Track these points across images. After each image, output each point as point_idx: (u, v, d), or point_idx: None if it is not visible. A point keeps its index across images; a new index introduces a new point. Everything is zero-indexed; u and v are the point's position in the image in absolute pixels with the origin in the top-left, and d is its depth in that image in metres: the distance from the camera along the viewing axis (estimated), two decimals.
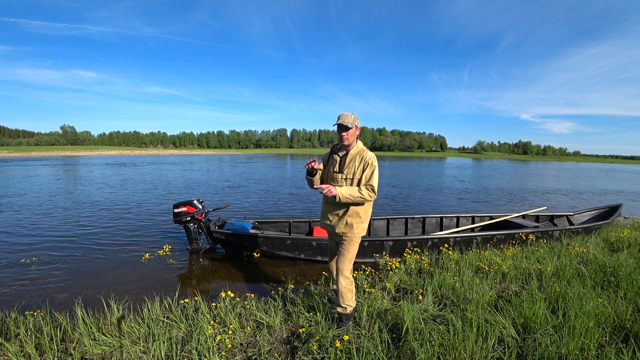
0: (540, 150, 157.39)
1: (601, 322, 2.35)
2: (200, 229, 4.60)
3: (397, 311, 2.55)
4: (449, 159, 77.29)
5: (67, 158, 41.50)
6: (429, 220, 5.63)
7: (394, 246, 4.25)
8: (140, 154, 66.41)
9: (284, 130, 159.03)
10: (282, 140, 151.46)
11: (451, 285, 3.02)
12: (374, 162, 2.27)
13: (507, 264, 3.63)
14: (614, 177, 27.07)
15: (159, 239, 5.55)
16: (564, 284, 3.03)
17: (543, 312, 2.43)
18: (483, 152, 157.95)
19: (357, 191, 2.21)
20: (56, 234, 5.73)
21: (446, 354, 1.98)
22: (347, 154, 2.33)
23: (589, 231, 5.22)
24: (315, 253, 4.30)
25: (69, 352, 2.13)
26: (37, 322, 2.45)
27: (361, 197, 2.21)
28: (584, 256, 4.00)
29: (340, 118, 2.24)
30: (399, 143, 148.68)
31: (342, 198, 2.19)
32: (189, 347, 2.13)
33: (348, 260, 2.36)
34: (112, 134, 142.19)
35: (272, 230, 5.24)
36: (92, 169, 22.07)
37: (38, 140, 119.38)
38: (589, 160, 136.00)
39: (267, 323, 2.44)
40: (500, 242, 4.60)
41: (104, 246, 5.09)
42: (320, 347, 2.11)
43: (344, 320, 2.38)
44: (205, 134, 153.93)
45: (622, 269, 3.37)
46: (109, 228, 6.20)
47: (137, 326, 2.34)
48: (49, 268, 4.14)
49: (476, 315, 2.29)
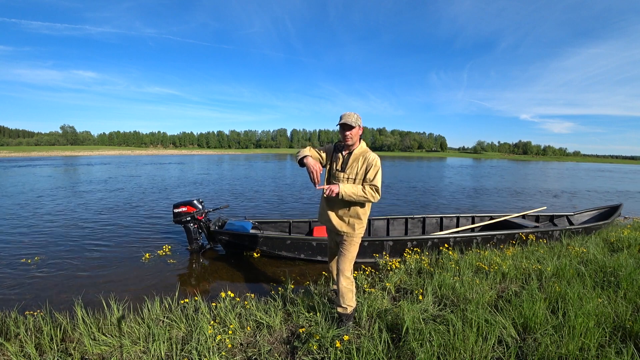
0: (540, 150, 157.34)
1: (601, 322, 2.35)
2: (200, 229, 4.60)
3: (397, 311, 2.55)
4: (449, 159, 77.28)
5: (67, 158, 41.49)
6: (429, 220, 5.63)
7: (394, 246, 4.25)
8: (140, 154, 66.42)
9: (284, 130, 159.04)
10: (282, 140, 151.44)
11: (451, 285, 3.01)
12: (377, 163, 2.26)
13: (507, 264, 3.63)
14: (614, 177, 27.06)
15: (159, 239, 5.55)
16: (564, 284, 3.03)
17: (543, 312, 2.43)
18: (483, 152, 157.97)
19: (361, 190, 2.19)
20: (56, 234, 5.73)
21: (446, 354, 1.98)
22: (351, 153, 2.33)
23: (589, 231, 5.21)
24: (315, 253, 4.30)
25: (69, 352, 2.13)
26: (37, 322, 2.45)
27: (364, 197, 2.18)
28: (584, 256, 4.00)
29: (343, 117, 2.24)
30: (399, 143, 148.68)
31: (345, 196, 2.16)
32: (189, 347, 2.13)
33: (349, 261, 2.36)
34: (112, 134, 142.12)
35: (272, 230, 5.24)
36: (92, 169, 22.06)
37: (38, 140, 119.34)
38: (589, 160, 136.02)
39: (267, 323, 2.44)
40: (500, 242, 4.60)
41: (104, 246, 5.09)
42: (320, 347, 2.11)
43: (344, 320, 2.38)
44: (205, 134, 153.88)
45: (622, 269, 3.37)
46: (109, 228, 6.20)
47: (137, 326, 2.34)
48: (49, 268, 4.14)
49: (476, 316, 2.29)
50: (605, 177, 26.66)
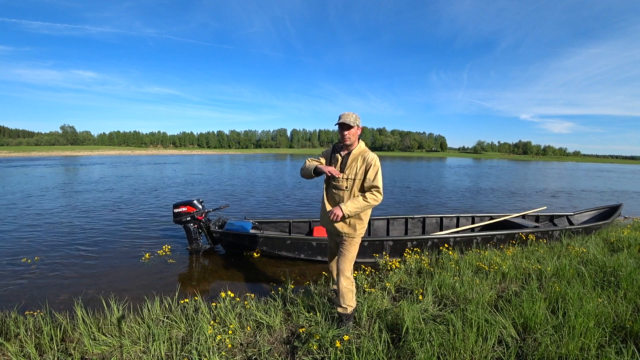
0: (540, 150, 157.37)
1: (601, 322, 2.35)
2: (200, 229, 4.60)
3: (397, 311, 2.55)
4: (449, 159, 77.27)
5: (67, 158, 41.49)
6: (429, 220, 5.63)
7: (394, 246, 4.25)
8: (140, 154, 66.41)
9: (284, 130, 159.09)
10: (282, 140, 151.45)
11: (451, 285, 3.01)
12: (376, 163, 2.26)
13: (507, 264, 3.63)
14: (612, 177, 27.06)
15: (159, 239, 5.55)
16: (564, 284, 3.03)
17: (543, 312, 2.43)
18: (483, 152, 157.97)
19: (362, 200, 2.20)
20: (56, 234, 5.73)
21: (446, 354, 1.98)
22: (349, 153, 2.32)
23: (589, 231, 5.21)
24: (315, 253, 4.30)
25: (69, 352, 2.13)
26: (37, 322, 2.45)
27: (368, 205, 2.20)
28: (584, 256, 4.00)
29: (341, 117, 2.24)
30: (399, 143, 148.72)
31: (351, 214, 2.20)
32: (189, 347, 2.12)
33: (349, 261, 2.36)
34: (112, 134, 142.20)
35: (272, 230, 5.24)
36: (92, 169, 22.06)
37: (38, 140, 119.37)
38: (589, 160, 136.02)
39: (267, 323, 2.44)
40: (500, 242, 4.60)
41: (104, 246, 5.09)
42: (320, 347, 2.11)
43: (344, 320, 2.38)
44: (205, 134, 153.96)
45: (622, 269, 3.37)
46: (109, 228, 6.20)
47: (137, 326, 2.34)
48: (49, 268, 4.14)
49: (476, 315, 2.29)
50: (603, 178, 26.66)
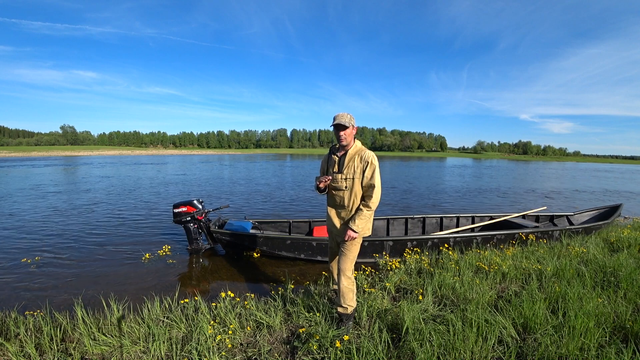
0: (540, 150, 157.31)
1: (601, 322, 2.35)
2: (200, 229, 4.60)
3: (397, 311, 2.55)
4: (449, 159, 77.27)
5: (67, 158, 41.49)
6: (429, 220, 5.63)
7: (394, 246, 4.25)
8: (140, 154, 66.43)
9: (284, 130, 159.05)
10: (282, 140, 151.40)
11: (451, 285, 3.01)
12: (374, 161, 2.27)
13: (507, 264, 3.63)
14: (609, 177, 27.06)
15: (159, 239, 5.55)
16: (564, 284, 3.03)
17: (543, 312, 2.43)
18: (483, 152, 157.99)
19: (366, 211, 2.26)
20: (56, 234, 5.73)
21: (446, 354, 1.98)
22: (346, 154, 2.34)
23: (589, 231, 5.21)
24: (315, 253, 4.30)
25: (69, 352, 2.13)
26: (37, 322, 2.45)
27: (370, 210, 2.27)
28: (584, 256, 4.00)
29: (336, 118, 2.26)
30: (399, 143, 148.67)
31: (364, 228, 2.30)
32: (189, 347, 2.12)
33: (350, 261, 2.36)
34: (112, 134, 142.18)
35: (272, 230, 5.24)
36: (92, 169, 22.06)
37: (38, 140, 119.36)
38: (589, 160, 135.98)
39: (267, 323, 2.44)
40: (500, 242, 4.60)
41: (104, 246, 5.09)
42: (320, 347, 2.11)
43: (345, 320, 2.38)
44: (205, 134, 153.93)
45: (622, 269, 3.37)
46: (109, 228, 6.20)
47: (137, 326, 2.34)
48: (49, 268, 4.15)
49: (476, 316, 2.29)
50: (602, 178, 26.64)
